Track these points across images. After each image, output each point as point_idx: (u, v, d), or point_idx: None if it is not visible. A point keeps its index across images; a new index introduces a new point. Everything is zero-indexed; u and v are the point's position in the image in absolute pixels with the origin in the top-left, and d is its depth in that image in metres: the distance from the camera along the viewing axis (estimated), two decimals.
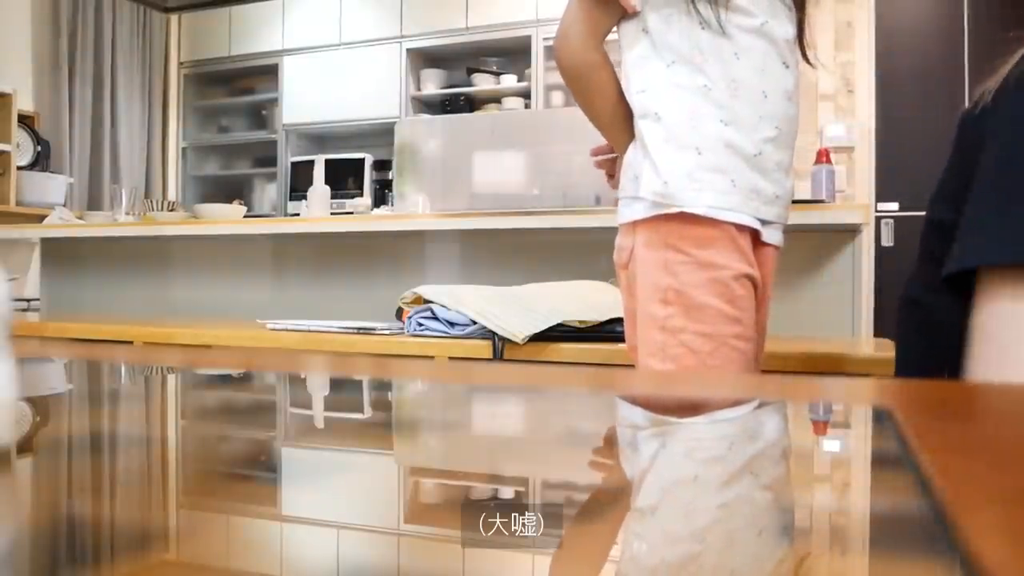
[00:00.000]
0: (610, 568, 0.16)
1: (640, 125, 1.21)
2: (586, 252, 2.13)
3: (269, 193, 5.79)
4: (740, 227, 1.16)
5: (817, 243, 2.05)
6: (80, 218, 3.29)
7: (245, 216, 3.17)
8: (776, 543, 0.18)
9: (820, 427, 0.31)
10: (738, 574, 0.16)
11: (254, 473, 0.23)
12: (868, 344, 1.85)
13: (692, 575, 0.16)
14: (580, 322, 1.79)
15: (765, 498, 0.22)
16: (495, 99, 5.15)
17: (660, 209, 1.17)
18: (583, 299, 1.91)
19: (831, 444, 0.27)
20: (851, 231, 2.04)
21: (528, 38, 4.90)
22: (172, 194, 5.96)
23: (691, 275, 1.14)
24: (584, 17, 1.25)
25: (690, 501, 0.21)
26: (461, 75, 5.28)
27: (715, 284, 1.13)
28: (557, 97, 4.83)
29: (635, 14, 1.21)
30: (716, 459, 0.26)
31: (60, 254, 3.05)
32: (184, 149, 6.05)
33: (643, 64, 1.21)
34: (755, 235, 1.19)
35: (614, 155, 1.34)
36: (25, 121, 4.90)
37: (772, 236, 1.23)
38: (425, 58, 5.36)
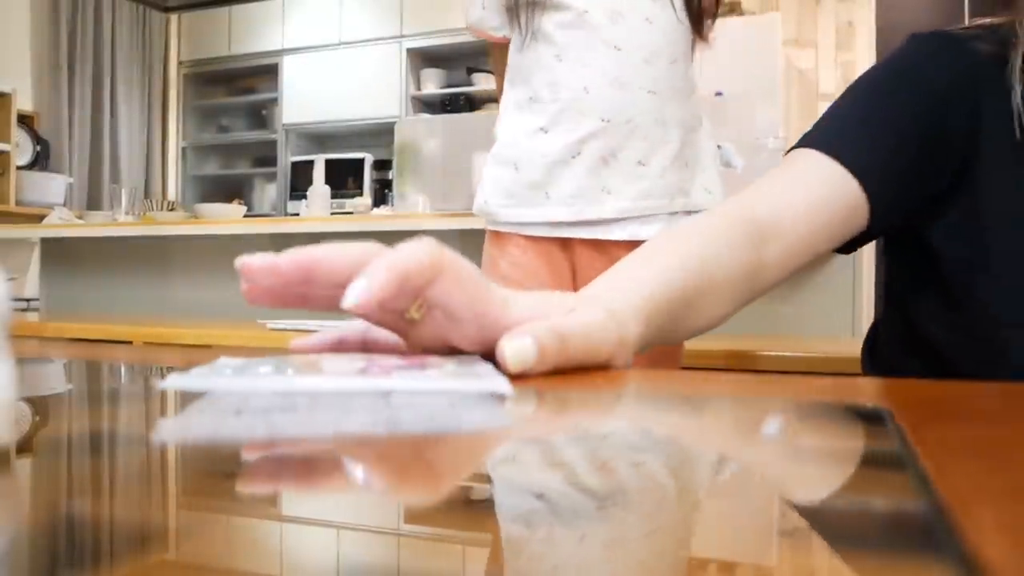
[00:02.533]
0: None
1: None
2: None
3: (269, 193, 5.79)
4: (562, 239, 1.20)
5: None
6: (80, 218, 3.29)
7: (245, 216, 3.17)
8: (774, 544, 0.18)
9: (819, 426, 0.31)
10: (740, 573, 0.16)
11: (255, 473, 0.23)
12: None
13: (694, 570, 0.16)
14: None
15: (762, 498, 0.22)
16: (495, 99, 5.13)
17: (486, 225, 1.26)
18: None
19: (830, 444, 0.27)
20: None
21: None
22: (172, 194, 5.96)
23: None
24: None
25: (685, 499, 0.21)
26: (461, 75, 5.28)
27: None
28: None
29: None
30: (709, 457, 0.26)
31: (60, 254, 3.05)
32: (184, 149, 6.05)
33: (507, 88, 1.28)
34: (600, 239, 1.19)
35: None
36: (25, 121, 4.90)
37: (633, 232, 1.16)
38: (425, 58, 5.36)
